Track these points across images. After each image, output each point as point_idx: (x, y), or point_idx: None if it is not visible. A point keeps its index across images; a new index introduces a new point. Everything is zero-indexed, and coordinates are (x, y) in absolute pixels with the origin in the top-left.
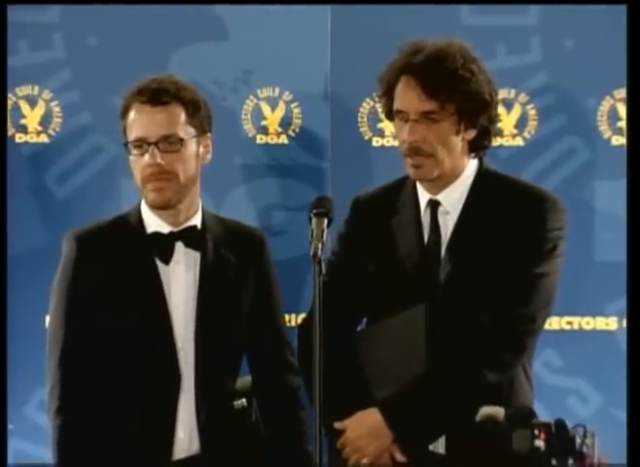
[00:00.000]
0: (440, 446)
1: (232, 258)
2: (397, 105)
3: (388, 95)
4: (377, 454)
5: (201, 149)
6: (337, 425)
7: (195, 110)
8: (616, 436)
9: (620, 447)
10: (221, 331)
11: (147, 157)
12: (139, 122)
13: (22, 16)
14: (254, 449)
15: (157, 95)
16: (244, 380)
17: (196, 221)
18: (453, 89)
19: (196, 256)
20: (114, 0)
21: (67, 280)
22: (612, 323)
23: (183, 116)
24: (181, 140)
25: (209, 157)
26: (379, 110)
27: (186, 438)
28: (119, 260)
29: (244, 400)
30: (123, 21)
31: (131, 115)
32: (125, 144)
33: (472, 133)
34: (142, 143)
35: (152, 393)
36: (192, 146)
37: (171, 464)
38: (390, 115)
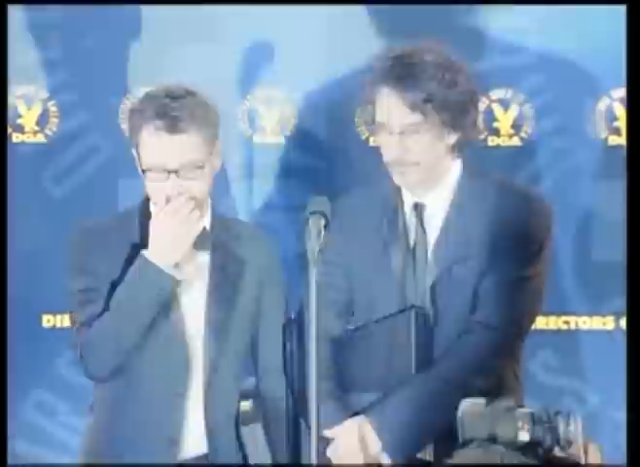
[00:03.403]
0: (428, 453)
1: (240, 259)
2: (379, 118)
3: (370, 105)
4: (365, 462)
5: (214, 160)
6: (327, 433)
7: (209, 127)
8: (613, 435)
9: (617, 446)
10: (229, 331)
11: (168, 183)
12: (157, 149)
13: (19, 15)
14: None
15: (174, 123)
16: (248, 382)
17: (205, 222)
18: (435, 100)
19: (205, 257)
20: (111, 0)
21: (78, 266)
22: (609, 323)
23: (200, 139)
24: (200, 166)
25: (220, 163)
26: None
27: (191, 438)
28: (127, 255)
29: (250, 401)
30: (119, 21)
31: (147, 138)
32: (143, 171)
33: (455, 137)
34: (160, 169)
35: (160, 392)
36: (208, 164)
37: (178, 464)
38: (372, 122)
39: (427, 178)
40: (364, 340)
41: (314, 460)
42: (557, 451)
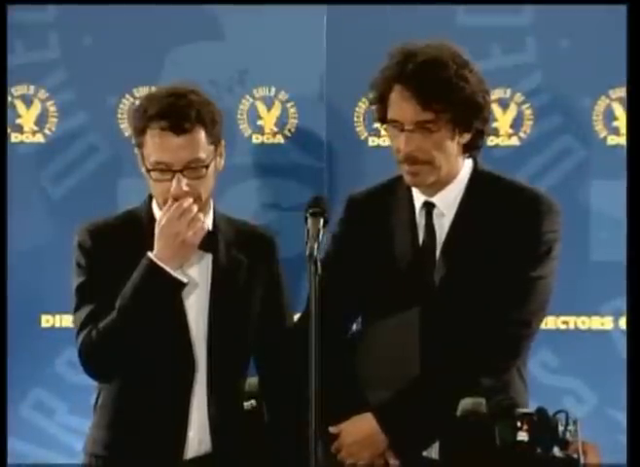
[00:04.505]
0: (433, 451)
1: (244, 259)
2: (391, 115)
3: (381, 103)
4: (372, 460)
5: (218, 159)
6: (332, 429)
7: (213, 126)
8: (611, 435)
9: (615, 446)
10: (232, 331)
11: (173, 183)
12: (161, 148)
13: (18, 15)
14: (266, 450)
15: (179, 122)
16: (251, 381)
17: (208, 223)
18: (448, 99)
19: (208, 257)
20: (110, 0)
21: (84, 266)
22: (607, 323)
23: (204, 138)
24: (206, 166)
25: (223, 162)
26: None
27: (195, 438)
28: (131, 255)
29: (254, 401)
30: (118, 21)
31: (151, 139)
32: (147, 171)
33: (467, 137)
34: (165, 169)
35: (164, 392)
36: (212, 164)
37: (182, 464)
38: (383, 120)
39: (438, 178)
40: (370, 339)
41: (313, 459)
42: (556, 452)
